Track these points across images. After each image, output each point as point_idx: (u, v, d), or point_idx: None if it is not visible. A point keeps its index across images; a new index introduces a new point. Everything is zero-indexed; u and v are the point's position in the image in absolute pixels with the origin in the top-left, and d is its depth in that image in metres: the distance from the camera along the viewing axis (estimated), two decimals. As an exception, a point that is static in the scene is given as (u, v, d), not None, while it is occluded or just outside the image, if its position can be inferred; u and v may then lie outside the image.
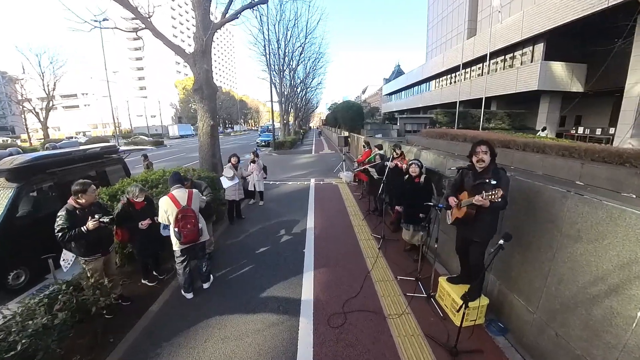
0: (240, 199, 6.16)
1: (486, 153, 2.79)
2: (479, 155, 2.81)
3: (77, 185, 3.05)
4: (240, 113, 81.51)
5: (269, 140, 26.64)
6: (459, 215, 3.00)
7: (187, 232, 3.38)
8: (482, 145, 2.83)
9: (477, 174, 2.88)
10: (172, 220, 3.35)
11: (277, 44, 21.80)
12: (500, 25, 21.42)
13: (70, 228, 2.94)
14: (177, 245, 3.47)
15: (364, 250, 4.79)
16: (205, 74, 7.61)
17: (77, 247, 3.12)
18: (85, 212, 3.07)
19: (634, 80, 16.26)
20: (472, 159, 2.92)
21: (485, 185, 2.71)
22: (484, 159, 2.79)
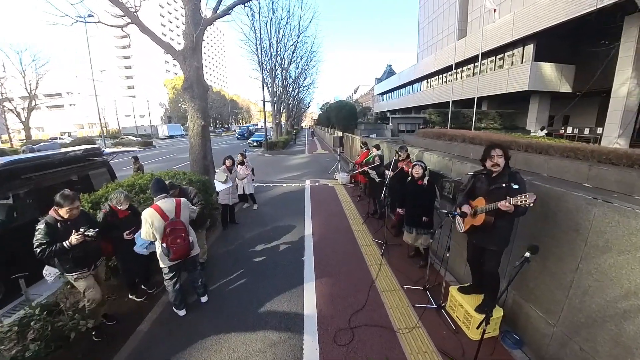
0: (234, 203, 5.85)
1: (501, 157, 2.63)
2: (494, 160, 2.64)
3: (60, 198, 2.71)
4: (231, 113, 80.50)
5: (261, 140, 26.24)
6: (475, 222, 2.80)
7: (176, 247, 3.05)
8: (497, 148, 2.67)
9: (492, 178, 2.72)
10: (158, 235, 3.02)
11: (269, 43, 21.44)
12: (491, 26, 21.62)
13: (51, 243, 2.62)
14: (165, 262, 3.16)
15: (366, 257, 4.57)
16: (196, 72, 7.27)
17: (61, 264, 2.81)
18: (68, 224, 2.75)
19: (621, 81, 16.57)
20: (485, 163, 2.75)
21: (503, 190, 2.55)
22: (500, 162, 2.63)
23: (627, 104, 16.60)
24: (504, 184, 2.59)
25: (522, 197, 2.29)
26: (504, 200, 2.42)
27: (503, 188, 2.58)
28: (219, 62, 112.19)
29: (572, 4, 16.44)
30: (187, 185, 4.99)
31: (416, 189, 4.08)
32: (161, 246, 3.05)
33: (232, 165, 5.74)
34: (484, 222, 2.69)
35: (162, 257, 3.14)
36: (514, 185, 2.52)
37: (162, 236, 3.02)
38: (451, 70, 28.11)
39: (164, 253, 3.07)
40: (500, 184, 2.61)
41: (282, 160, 17.40)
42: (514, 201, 2.35)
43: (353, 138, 14.99)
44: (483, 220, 2.70)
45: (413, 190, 4.12)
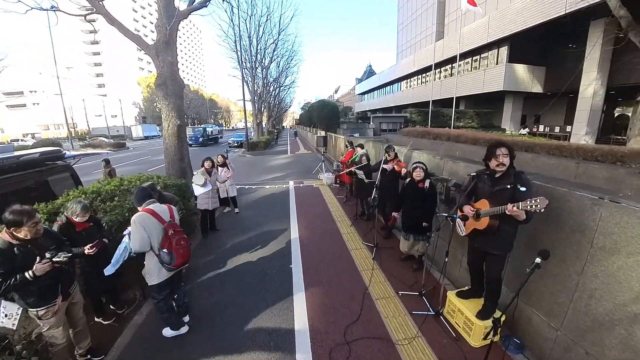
0: (214, 207, 5.45)
1: (507, 156, 2.48)
2: (499, 159, 2.48)
3: (10, 215, 2.07)
4: (210, 112, 78.30)
5: (242, 140, 25.53)
6: (478, 226, 2.65)
7: (182, 250, 2.75)
8: (502, 147, 2.51)
9: (495, 179, 2.56)
10: (156, 240, 2.65)
11: (249, 40, 20.83)
12: (467, 29, 22.22)
13: (7, 275, 2.04)
14: (161, 274, 2.74)
15: (357, 262, 4.36)
16: (170, 68, 6.78)
17: (22, 297, 2.23)
18: (29, 247, 2.18)
19: (587, 83, 17.47)
20: (489, 162, 2.59)
21: (508, 192, 2.41)
22: (505, 162, 2.48)
23: (593, 104, 17.56)
24: (508, 185, 2.44)
25: (532, 202, 2.14)
26: (511, 205, 2.26)
27: (508, 190, 2.44)
28: (197, 60, 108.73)
29: (542, 8, 17.15)
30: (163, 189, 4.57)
31: (416, 192, 3.88)
32: (161, 253, 2.66)
33: (212, 167, 5.33)
34: (488, 226, 2.55)
35: (154, 271, 2.72)
36: (520, 187, 2.36)
37: (163, 240, 2.67)
38: (430, 71, 28.74)
39: (163, 261, 2.66)
40: (505, 185, 2.46)
41: (264, 160, 16.95)
42: (522, 206, 2.19)
43: (336, 137, 14.83)
44: (487, 225, 2.55)
45: (413, 193, 3.92)
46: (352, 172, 6.10)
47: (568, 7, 15.50)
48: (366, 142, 8.00)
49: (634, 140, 5.93)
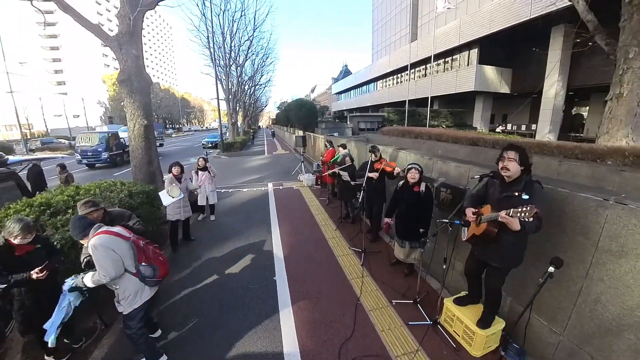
0: (186, 217, 4.93)
1: (512, 160, 2.27)
2: (503, 162, 2.30)
3: None
4: (183, 112, 75.09)
5: (216, 141, 24.53)
6: (476, 232, 2.48)
7: (162, 258, 2.58)
8: (510, 150, 2.30)
9: (505, 185, 2.36)
10: (130, 258, 2.29)
11: (223, 37, 20.00)
12: (440, 31, 22.85)
13: None
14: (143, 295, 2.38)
15: (345, 269, 4.11)
16: (135, 62, 6.17)
17: None
18: None
19: (550, 84, 18.54)
20: (497, 163, 2.42)
21: (514, 200, 2.22)
22: (509, 166, 2.28)
23: (555, 104, 18.69)
24: (516, 192, 2.25)
25: (523, 209, 1.97)
26: (505, 212, 2.10)
27: (514, 197, 2.24)
28: (167, 57, 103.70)
29: (508, 14, 17.97)
30: (127, 198, 4.05)
31: (411, 196, 3.65)
32: (140, 269, 2.32)
33: (181, 173, 4.78)
34: (485, 233, 2.38)
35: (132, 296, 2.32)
36: (523, 195, 2.18)
37: (138, 254, 2.35)
38: (405, 71, 29.34)
39: (145, 276, 2.33)
40: (512, 193, 2.27)
41: (241, 162, 16.29)
42: (513, 212, 2.03)
43: (316, 137, 14.55)
44: (483, 231, 2.39)
45: (407, 198, 3.68)
46: (335, 173, 5.85)
47: (532, 13, 16.35)
48: (348, 142, 7.79)
49: (602, 137, 6.17)
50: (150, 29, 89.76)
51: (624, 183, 3.65)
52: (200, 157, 6.17)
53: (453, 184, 3.51)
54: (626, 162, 3.96)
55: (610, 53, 6.49)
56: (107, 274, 2.11)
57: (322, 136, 12.87)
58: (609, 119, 6.10)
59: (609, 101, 6.15)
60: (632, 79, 5.73)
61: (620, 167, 3.85)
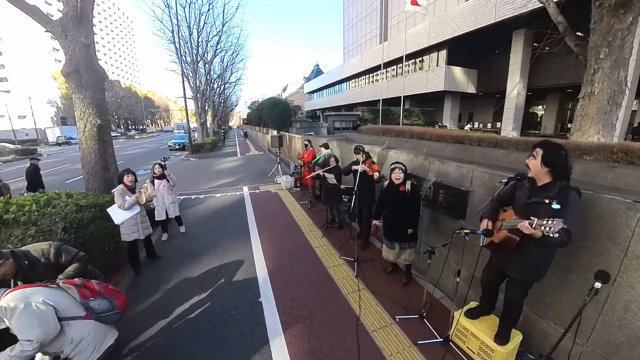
0: (147, 235, 4.12)
1: (536, 157, 1.99)
2: (529, 160, 2.04)
3: None
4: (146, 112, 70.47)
5: (184, 142, 23.07)
6: (495, 239, 2.20)
7: (112, 286, 2.22)
8: (538, 147, 2.01)
9: (535, 189, 2.07)
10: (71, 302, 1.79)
11: (189, 31, 18.73)
12: (410, 32, 23.32)
13: None
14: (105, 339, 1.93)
15: (339, 283, 3.71)
16: (84, 51, 5.31)
17: None
18: None
19: (512, 84, 19.59)
20: None
21: (542, 208, 1.94)
22: (529, 164, 2.03)
23: (517, 103, 19.81)
24: (547, 199, 1.95)
25: (548, 222, 1.69)
26: (527, 221, 1.82)
27: (544, 205, 1.95)
28: (128, 53, 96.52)
29: (474, 17, 18.71)
30: (74, 213, 3.32)
31: (397, 196, 3.41)
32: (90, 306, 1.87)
33: (134, 182, 3.98)
34: (504, 240, 2.11)
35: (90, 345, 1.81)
36: (554, 203, 1.88)
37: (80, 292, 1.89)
38: (377, 71, 29.72)
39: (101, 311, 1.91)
40: (543, 199, 1.97)
41: (212, 164, 15.29)
42: (537, 224, 1.75)
43: (292, 137, 14.05)
44: (504, 238, 2.11)
45: (394, 198, 3.44)
46: (320, 176, 5.43)
47: (497, 17, 17.13)
48: (329, 142, 7.40)
49: (576, 134, 6.35)
50: (108, 22, 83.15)
51: (616, 180, 3.64)
52: (156, 164, 5.11)
53: (454, 186, 3.25)
54: (615, 158, 3.98)
55: (580, 53, 6.71)
56: (34, 337, 1.52)
57: (298, 136, 12.40)
58: (582, 117, 6.29)
59: (581, 99, 6.33)
60: (602, 79, 5.93)
61: (612, 164, 3.86)
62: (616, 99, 5.93)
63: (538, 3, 6.93)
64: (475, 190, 3.04)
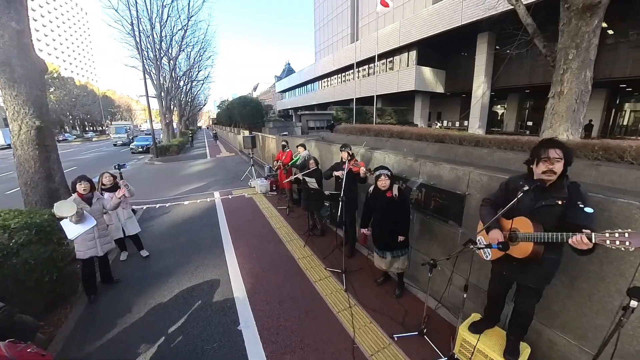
0: (106, 252, 3.50)
1: (560, 160, 1.79)
2: (549, 163, 1.80)
3: None
4: (106, 112, 65.21)
5: (148, 145, 21.46)
6: (515, 253, 1.97)
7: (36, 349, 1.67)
8: (557, 147, 1.81)
9: (541, 191, 1.89)
10: None
11: (151, 24, 17.35)
12: (381, 32, 23.57)
13: None
14: None
15: (327, 300, 3.36)
16: (16, 39, 4.49)
17: None
18: None
19: (478, 85, 20.48)
20: (533, 167, 1.93)
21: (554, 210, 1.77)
22: (557, 169, 1.81)
23: (482, 102, 20.75)
24: (559, 200, 1.79)
25: (617, 236, 1.46)
26: (579, 235, 1.58)
27: (557, 207, 1.79)
28: (83, 48, 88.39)
29: (441, 20, 19.27)
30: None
31: (385, 203, 3.14)
32: None
33: (91, 191, 3.35)
34: (532, 254, 1.88)
35: None
36: (584, 206, 1.69)
37: None
38: (349, 70, 29.80)
39: None
40: (554, 201, 1.81)
41: (179, 168, 14.26)
42: (599, 239, 1.51)
43: (265, 137, 13.48)
44: (531, 252, 1.88)
45: (381, 205, 3.17)
46: (300, 180, 5.05)
47: (463, 20, 17.75)
48: (307, 142, 7.03)
49: (547, 132, 6.54)
50: (59, 14, 75.78)
51: (600, 177, 3.66)
52: (105, 172, 4.14)
53: (449, 189, 3.04)
54: (595, 155, 4.04)
55: (548, 55, 6.94)
56: None
57: (272, 136, 11.89)
58: (552, 115, 6.49)
59: (551, 98, 6.53)
60: (571, 78, 6.14)
61: (595, 162, 3.89)
62: (583, 98, 6.17)
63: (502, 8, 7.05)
64: (472, 194, 2.84)
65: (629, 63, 14.52)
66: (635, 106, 20.71)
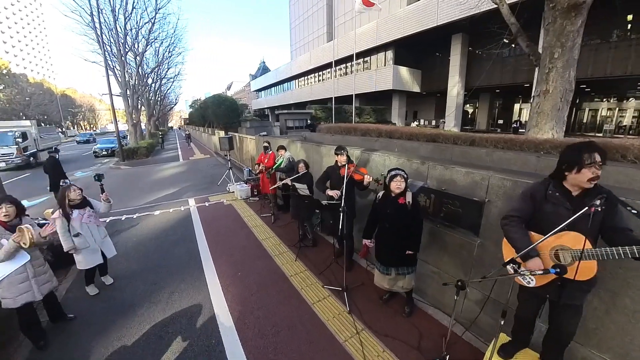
0: (46, 293, 2.74)
1: (601, 167, 1.61)
2: (593, 169, 1.60)
3: None
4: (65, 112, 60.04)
5: (113, 147, 19.82)
6: (580, 275, 1.66)
7: None
8: (599, 151, 1.62)
9: (574, 198, 1.71)
10: None
11: (114, 16, 15.89)
12: (358, 31, 23.50)
13: None
14: None
15: (330, 326, 2.92)
16: None
17: None
18: None
19: (452, 84, 21.00)
20: (571, 174, 1.67)
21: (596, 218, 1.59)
22: (599, 175, 1.62)
23: (457, 102, 21.34)
24: (599, 206, 1.57)
25: None
26: None
27: (598, 214, 1.59)
28: (38, 42, 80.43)
29: (417, 20, 19.49)
30: None
31: (396, 210, 2.76)
32: None
33: (17, 216, 2.58)
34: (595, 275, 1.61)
35: None
36: (632, 210, 1.56)
37: None
38: (327, 69, 29.54)
39: None
40: (595, 208, 1.57)
41: (148, 172, 13.14)
42: None
43: (242, 138, 12.75)
44: (595, 274, 1.60)
45: (392, 213, 2.78)
46: (288, 186, 4.55)
47: (439, 21, 18.01)
48: (291, 143, 6.55)
49: (532, 130, 6.54)
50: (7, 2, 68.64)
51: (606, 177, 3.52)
52: (72, 186, 3.26)
53: (464, 195, 2.72)
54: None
55: (531, 54, 6.97)
56: None
57: (250, 137, 11.22)
58: (538, 113, 6.50)
59: (537, 97, 6.53)
60: (556, 77, 6.16)
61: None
62: (567, 97, 6.23)
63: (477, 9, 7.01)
64: (493, 200, 2.53)
65: (589, 65, 15.41)
66: (592, 105, 22.26)
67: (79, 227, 3.20)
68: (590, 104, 22.28)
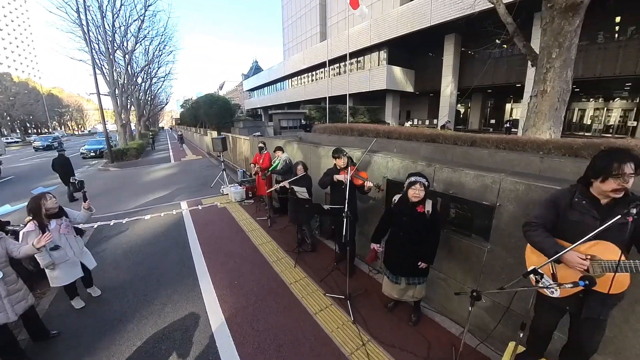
0: (21, 313, 2.50)
1: (633, 176, 1.48)
2: (623, 182, 1.48)
3: None
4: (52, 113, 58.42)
5: (102, 149, 19.26)
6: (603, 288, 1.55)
7: None
8: (632, 161, 1.48)
9: (603, 206, 1.59)
10: None
11: (101, 13, 15.39)
12: (352, 31, 23.43)
13: None
14: None
15: (334, 337, 2.77)
16: None
17: None
18: None
19: (446, 84, 21.09)
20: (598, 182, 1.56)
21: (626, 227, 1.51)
22: (629, 186, 1.51)
23: (450, 102, 21.46)
24: (631, 216, 1.47)
25: None
26: None
27: (629, 224, 1.50)
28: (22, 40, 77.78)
29: (412, 20, 19.50)
30: None
31: (412, 219, 2.60)
32: None
33: None
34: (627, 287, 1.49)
35: None
36: None
37: None
38: (320, 69, 29.39)
39: None
40: (626, 218, 1.47)
41: (138, 174, 12.76)
42: None
43: (236, 139, 12.50)
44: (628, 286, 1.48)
45: (409, 221, 2.63)
46: (287, 189, 4.39)
47: (432, 21, 18.05)
48: (288, 144, 6.37)
49: (530, 130, 6.51)
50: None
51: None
52: (47, 194, 2.93)
53: (474, 199, 2.60)
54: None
55: (527, 54, 6.94)
56: None
57: (244, 137, 11.00)
58: (535, 113, 6.47)
59: (534, 97, 6.50)
60: (553, 77, 6.13)
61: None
62: (564, 97, 6.21)
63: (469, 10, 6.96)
64: (504, 205, 2.42)
65: (579, 65, 15.64)
66: (580, 105, 22.67)
67: (57, 238, 2.95)
68: (579, 104, 22.70)
